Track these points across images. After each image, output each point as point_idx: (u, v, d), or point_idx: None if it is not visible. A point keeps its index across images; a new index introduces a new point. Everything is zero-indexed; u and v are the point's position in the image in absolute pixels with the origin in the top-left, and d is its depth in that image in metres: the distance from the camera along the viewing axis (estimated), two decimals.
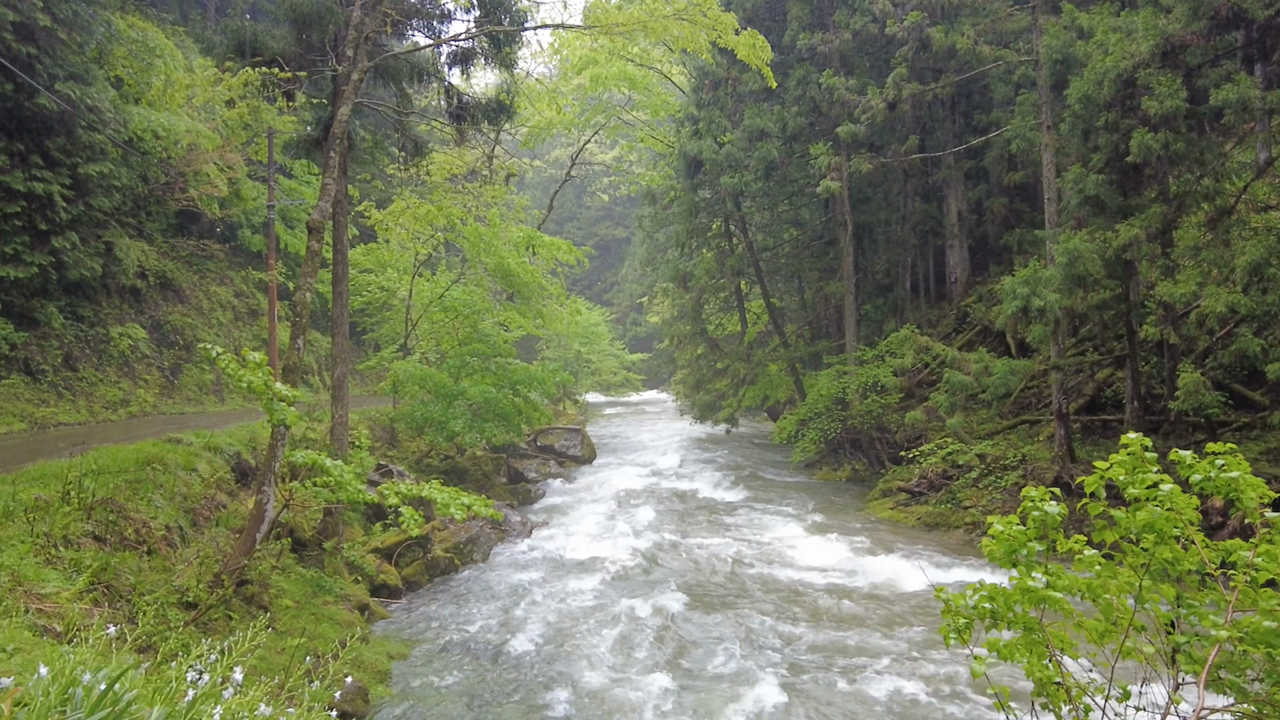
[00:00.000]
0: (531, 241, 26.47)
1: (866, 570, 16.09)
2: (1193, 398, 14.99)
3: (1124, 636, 3.68)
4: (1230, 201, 16.61)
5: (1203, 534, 4.04)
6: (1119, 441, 4.08)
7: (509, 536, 19.03)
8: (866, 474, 26.31)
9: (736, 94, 28.85)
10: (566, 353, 44.73)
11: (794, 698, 10.22)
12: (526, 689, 10.86)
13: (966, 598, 3.89)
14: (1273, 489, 3.92)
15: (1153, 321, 17.16)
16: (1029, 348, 23.01)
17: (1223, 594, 3.76)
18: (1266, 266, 14.22)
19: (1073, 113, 16.97)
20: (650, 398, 63.92)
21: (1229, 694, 3.82)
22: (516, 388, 23.28)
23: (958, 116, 30.70)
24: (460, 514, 9.95)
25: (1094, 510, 3.86)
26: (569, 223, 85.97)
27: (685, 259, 35.40)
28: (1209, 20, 15.05)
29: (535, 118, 32.95)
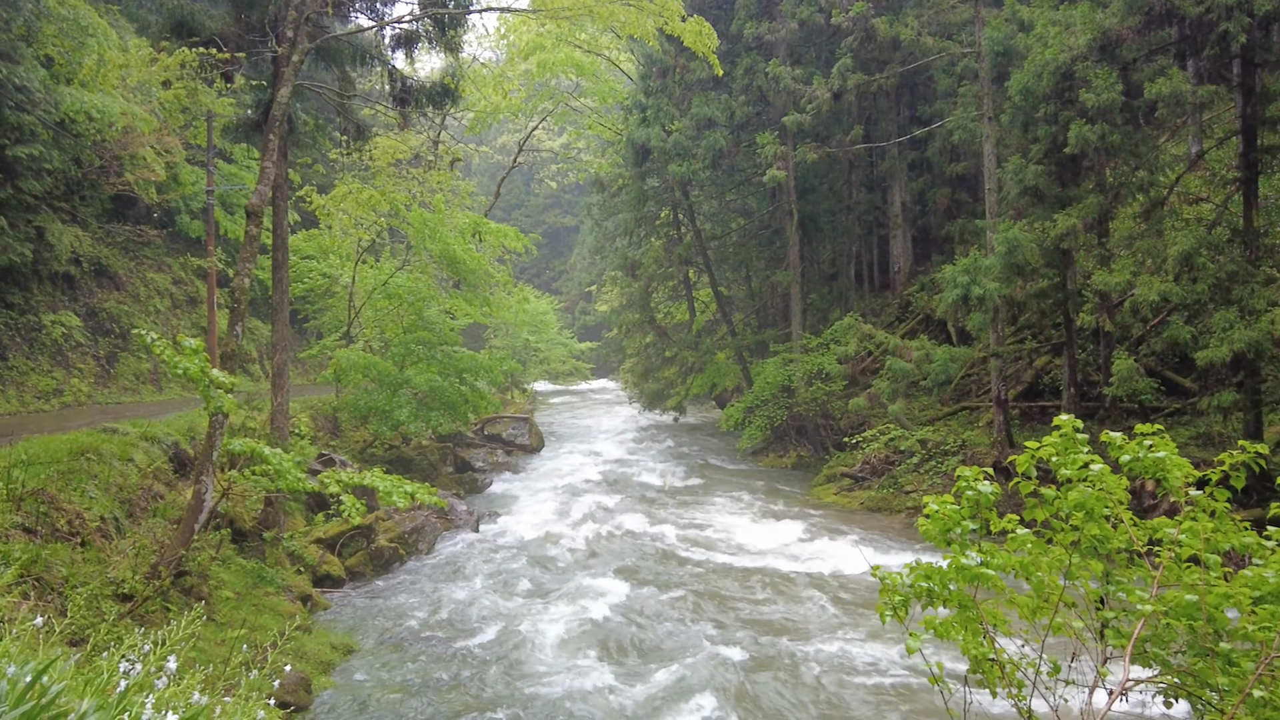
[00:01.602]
0: (478, 228, 26.20)
1: (810, 554, 16.30)
2: (1126, 384, 15.39)
3: (1054, 613, 3.78)
4: (1163, 193, 17.06)
5: (1132, 514, 4.16)
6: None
7: (455, 526, 18.90)
8: (811, 460, 26.61)
9: (684, 82, 28.85)
10: (514, 341, 44.46)
11: (739, 680, 10.33)
12: (473, 678, 10.81)
13: (903, 577, 3.96)
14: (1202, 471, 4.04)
15: (1089, 310, 17.58)
16: (969, 336, 23.44)
17: (1149, 570, 3.88)
18: (1196, 256, 14.65)
19: (1013, 104, 17.27)
20: (599, 386, 63.85)
21: (1154, 666, 3.95)
22: (463, 376, 23.07)
23: (902, 108, 31.08)
24: (403, 502, 9.86)
25: (1025, 489, 3.95)
26: (517, 210, 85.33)
27: (634, 247, 35.39)
28: (1143, 16, 15.41)
29: (481, 103, 32.65)
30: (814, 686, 10.28)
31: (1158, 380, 18.08)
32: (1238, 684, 3.46)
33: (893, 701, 9.86)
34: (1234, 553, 3.92)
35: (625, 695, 10.11)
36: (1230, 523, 3.97)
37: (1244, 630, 3.57)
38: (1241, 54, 14.92)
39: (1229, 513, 4.09)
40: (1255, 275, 14.69)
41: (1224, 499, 3.95)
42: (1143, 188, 16.75)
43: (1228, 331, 13.66)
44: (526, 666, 11.10)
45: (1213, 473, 3.97)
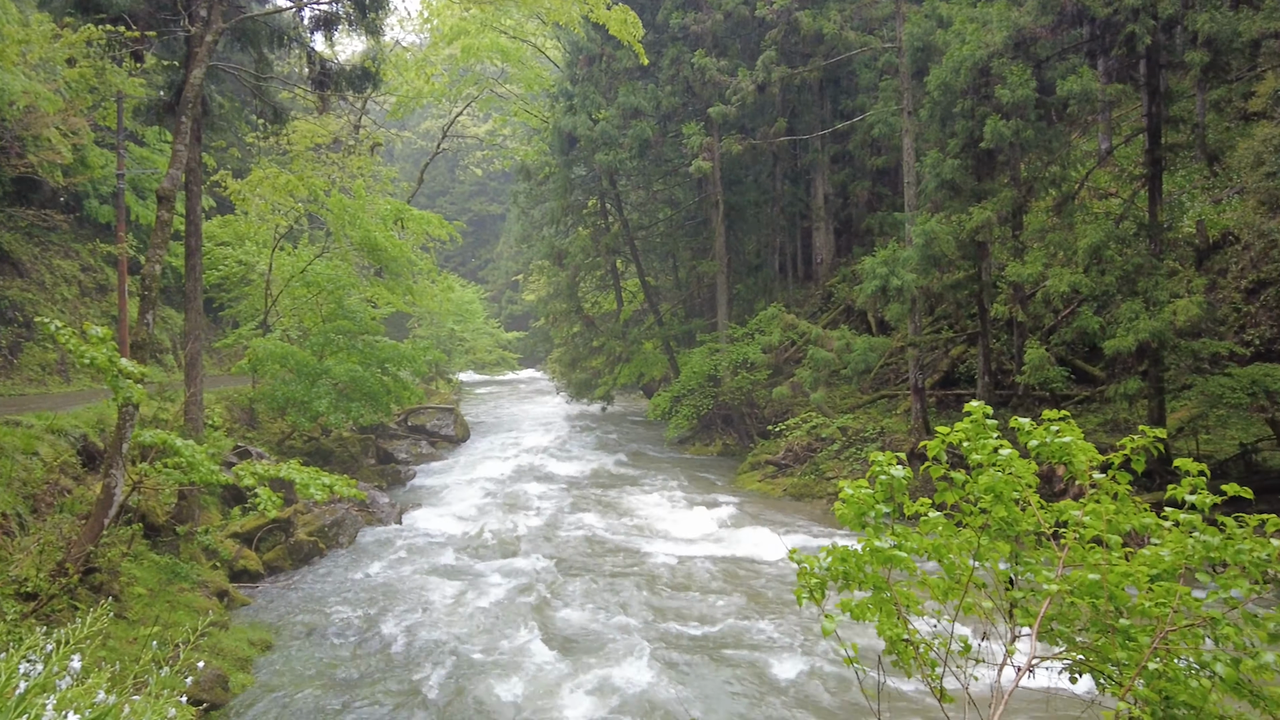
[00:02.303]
0: (400, 215, 25.75)
1: (734, 540, 16.50)
2: (1038, 372, 15.90)
3: (964, 593, 3.89)
4: (1074, 188, 17.65)
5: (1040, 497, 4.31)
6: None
7: (377, 518, 18.61)
8: (737, 448, 26.90)
9: (611, 71, 28.78)
10: (439, 330, 43.90)
11: (664, 665, 10.40)
12: (397, 671, 10.68)
13: (820, 561, 4.03)
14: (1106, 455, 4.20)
15: (1002, 300, 18.10)
16: (888, 326, 23.96)
17: (1055, 551, 4.02)
18: (1105, 249, 15.19)
19: (932, 99, 17.65)
20: (526, 376, 63.48)
21: (1059, 643, 4.09)
22: (385, 366, 22.70)
23: (825, 101, 31.52)
24: (321, 495, 9.66)
25: (936, 473, 4.05)
26: (441, 197, 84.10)
27: (561, 236, 35.24)
28: (1056, 15, 15.89)
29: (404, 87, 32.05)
30: (736, 670, 10.41)
31: (1068, 369, 18.72)
32: (1135, 658, 3.61)
33: (814, 682, 10.05)
34: (1135, 533, 4.08)
35: (548, 683, 10.10)
36: (1132, 505, 4.14)
37: (1142, 607, 3.73)
38: (1147, 55, 15.50)
39: (1131, 495, 4.27)
40: (1159, 268, 15.31)
41: (1126, 482, 4.11)
42: (1055, 182, 17.30)
43: (1133, 322, 14.20)
44: (448, 657, 11.01)
45: (1115, 457, 4.12)
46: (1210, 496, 3.86)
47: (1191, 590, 3.80)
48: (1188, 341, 15.03)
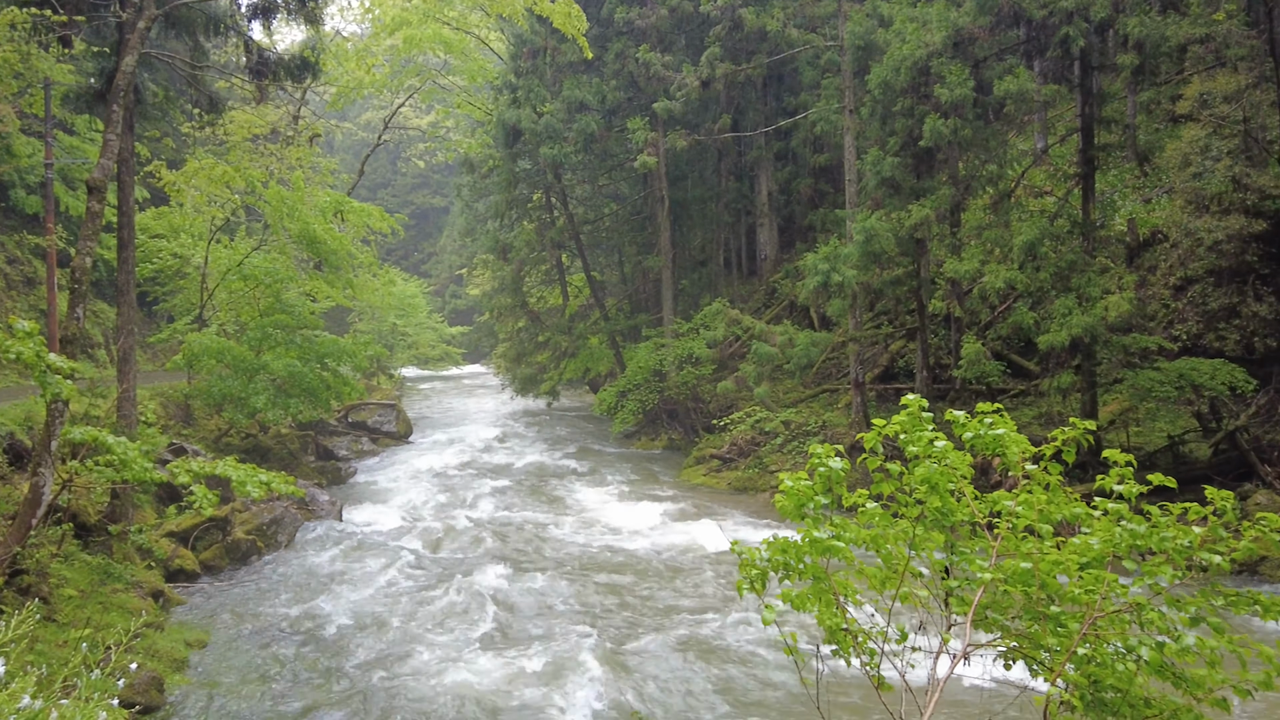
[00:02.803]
0: (340, 207, 25.32)
1: (679, 534, 16.59)
2: (975, 367, 16.24)
3: (900, 583, 3.97)
4: (1010, 186, 18.05)
5: (974, 488, 4.40)
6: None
7: (317, 516, 18.32)
8: (682, 442, 27.02)
9: (556, 64, 28.64)
10: (381, 325, 43.29)
11: (608, 658, 10.42)
12: (338, 669, 10.54)
13: (761, 552, 4.08)
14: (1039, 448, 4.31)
15: (940, 296, 18.44)
16: (830, 321, 24.25)
17: (989, 541, 4.12)
18: (1039, 246, 15.56)
19: (873, 98, 17.89)
20: (471, 371, 62.91)
21: (994, 631, 4.20)
22: (325, 361, 22.32)
23: (769, 98, 31.76)
24: (258, 492, 9.48)
25: (872, 465, 4.12)
26: (383, 189, 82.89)
27: (505, 230, 34.95)
28: (994, 16, 16.22)
29: (344, 78, 31.54)
30: (680, 662, 10.47)
31: (1004, 363, 19.15)
32: (1065, 644, 3.72)
33: (757, 672, 10.15)
34: (1066, 523, 4.20)
35: (490, 679, 10.05)
36: (1063, 495, 4.25)
37: (1072, 594, 3.83)
38: (1081, 57, 15.89)
39: (1063, 486, 4.38)
40: (1092, 265, 15.73)
41: (1057, 473, 4.22)
42: (992, 180, 17.67)
43: (1067, 317, 14.57)
44: (389, 654, 10.89)
45: (1047, 448, 4.23)
46: (1137, 486, 3.98)
47: (1119, 577, 3.92)
48: (1119, 337, 15.47)
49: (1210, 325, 17.82)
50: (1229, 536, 3.87)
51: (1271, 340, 17.01)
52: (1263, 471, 14.64)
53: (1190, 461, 15.72)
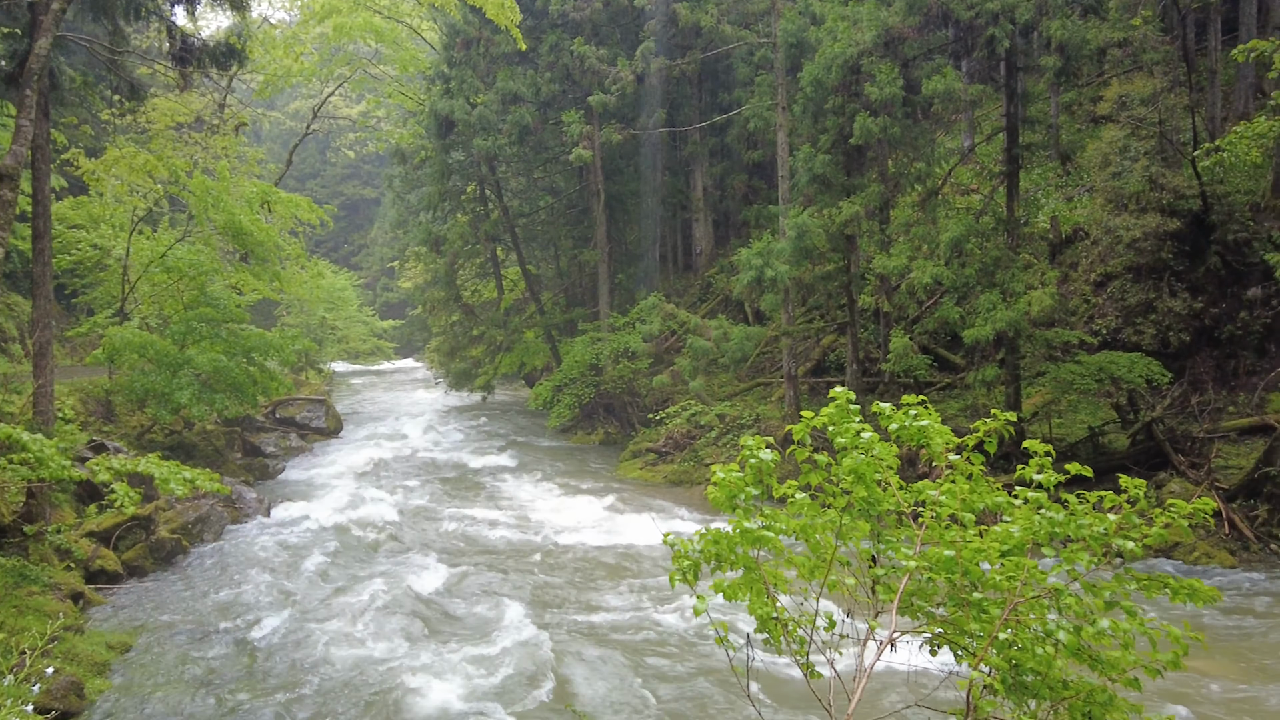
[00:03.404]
0: (267, 198, 24.72)
1: (614, 528, 16.61)
2: (902, 360, 16.56)
3: (828, 571, 4.03)
4: (938, 183, 18.41)
5: (900, 478, 4.49)
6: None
7: (245, 514, 17.91)
8: (619, 437, 27.06)
9: (489, 55, 28.37)
10: (310, 319, 42.42)
11: (542, 654, 10.39)
12: (267, 669, 10.32)
13: (693, 543, 4.11)
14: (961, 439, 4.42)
15: (870, 291, 18.75)
16: (764, 316, 24.52)
17: (914, 530, 4.21)
18: (965, 243, 15.93)
19: (805, 95, 18.09)
20: (403, 366, 62.06)
21: (920, 618, 4.29)
22: (251, 355, 21.79)
23: (704, 94, 31.92)
24: (182, 490, 9.24)
25: (800, 456, 4.19)
26: (312, 180, 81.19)
27: (438, 222, 34.50)
28: (922, 16, 16.51)
29: (272, 66, 30.79)
30: (616, 653, 10.49)
31: (931, 357, 19.57)
32: (988, 629, 3.82)
33: (690, 662, 10.23)
34: (988, 511, 4.31)
35: (423, 677, 9.95)
36: (985, 484, 4.37)
37: (993, 581, 3.94)
38: (1006, 58, 16.28)
39: (986, 476, 4.50)
40: (1015, 261, 16.15)
41: (979, 463, 4.33)
42: (920, 178, 18.01)
43: (991, 312, 14.94)
44: (319, 653, 10.71)
45: (969, 439, 4.34)
46: (1056, 476, 4.11)
47: (1039, 564, 4.04)
48: (1041, 331, 15.93)
49: (1128, 320, 18.45)
50: (1142, 523, 4.02)
51: (1185, 334, 17.69)
52: (1177, 461, 15.22)
53: (1109, 452, 16.27)
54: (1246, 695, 9.13)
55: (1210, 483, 14.33)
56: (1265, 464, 13.91)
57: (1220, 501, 13.97)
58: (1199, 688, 9.28)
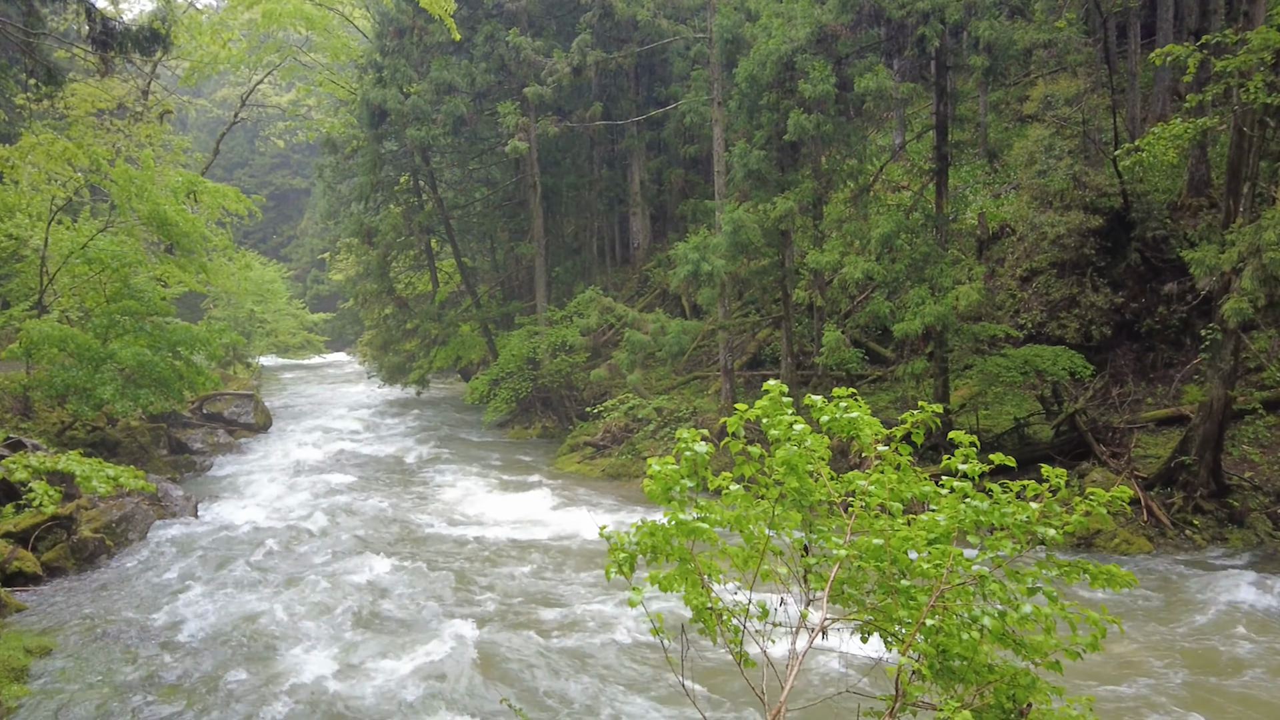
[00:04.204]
0: (193, 188, 24.04)
1: (551, 522, 16.58)
2: (835, 354, 16.82)
3: (761, 561, 4.09)
4: (869, 180, 18.72)
5: (831, 469, 4.58)
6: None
7: (171, 513, 17.45)
8: (556, 430, 26.99)
9: (423, 44, 27.98)
10: (238, 312, 41.43)
11: (480, 651, 10.33)
12: (194, 670, 10.08)
13: (630, 536, 4.13)
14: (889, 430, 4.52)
15: (804, 286, 19.00)
16: (701, 309, 24.67)
17: (845, 519, 4.29)
18: (895, 238, 16.23)
19: (740, 91, 18.23)
20: (335, 360, 60.98)
21: (850, 605, 4.38)
22: (177, 350, 21.20)
23: (641, 88, 31.95)
24: (105, 488, 8.98)
25: (734, 448, 4.24)
26: (240, 169, 79.21)
27: (370, 213, 33.93)
28: (855, 14, 16.75)
29: (198, 52, 29.94)
30: (553, 647, 10.49)
31: (863, 350, 19.91)
32: (915, 615, 3.91)
33: (627, 654, 10.28)
34: (916, 501, 4.42)
35: (356, 675, 9.82)
36: (913, 474, 4.48)
37: (920, 568, 4.04)
38: (936, 57, 16.61)
39: (914, 466, 4.61)
40: (944, 257, 16.51)
41: (907, 453, 4.43)
42: (852, 175, 18.29)
43: (920, 306, 15.26)
44: (250, 654, 10.50)
45: (897, 430, 4.44)
46: (980, 466, 4.22)
47: (964, 551, 4.15)
48: (969, 325, 16.32)
49: (1053, 314, 19.01)
50: (1063, 511, 4.16)
51: (1107, 328, 18.29)
52: (1098, 451, 15.73)
53: (1035, 442, 16.75)
54: (1159, 673, 9.51)
55: (1130, 472, 14.84)
56: (1181, 453, 14.46)
57: (1139, 490, 14.49)
58: (1117, 668, 9.63)
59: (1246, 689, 9.10)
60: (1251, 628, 10.62)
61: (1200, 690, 9.11)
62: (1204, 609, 11.30)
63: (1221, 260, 12.62)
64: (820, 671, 9.22)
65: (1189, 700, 8.89)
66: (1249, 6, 13.64)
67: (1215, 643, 10.33)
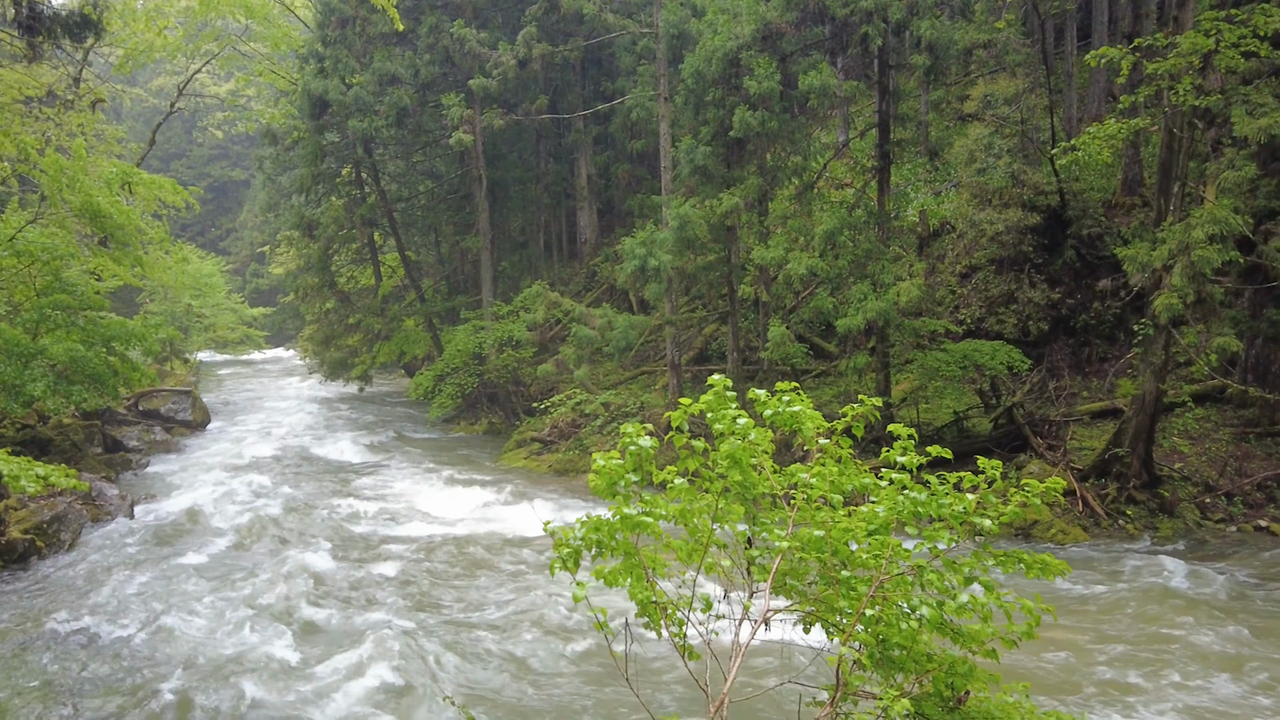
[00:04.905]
0: (128, 179, 23.39)
1: (497, 518, 16.50)
2: (780, 349, 16.98)
3: (705, 554, 4.12)
4: (814, 177, 18.91)
5: (774, 462, 4.62)
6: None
7: (106, 513, 17.00)
8: (503, 426, 26.83)
9: (366, 35, 27.57)
10: (175, 306, 40.42)
11: (423, 649, 10.25)
12: (129, 676, 9.84)
13: (575, 531, 4.13)
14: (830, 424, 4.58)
15: (749, 282, 19.14)
16: (648, 304, 24.71)
17: (787, 511, 4.34)
18: (839, 235, 16.42)
19: (686, 87, 18.28)
20: (275, 355, 59.88)
21: (793, 596, 4.43)
22: (111, 345, 20.62)
23: (587, 82, 31.86)
24: (34, 487, 8.71)
25: (679, 442, 4.26)
26: (177, 160, 77.26)
27: (312, 206, 33.31)
28: (799, 11, 16.89)
29: (132, 39, 29.14)
30: (499, 644, 10.45)
31: (807, 345, 20.14)
32: (855, 606, 3.97)
33: (572, 647, 10.27)
34: (856, 493, 4.48)
35: (296, 678, 9.68)
36: (854, 467, 4.54)
37: (860, 559, 4.11)
38: (879, 55, 16.82)
39: (855, 458, 4.68)
40: (886, 253, 16.75)
41: (848, 446, 4.49)
42: (797, 171, 18.46)
43: (863, 302, 15.47)
44: (187, 657, 10.28)
45: (838, 424, 4.50)
46: (919, 458, 4.30)
47: (903, 542, 4.23)
48: (910, 320, 16.58)
49: (991, 310, 19.40)
50: (998, 502, 4.26)
51: (1044, 324, 18.72)
52: (1035, 443, 16.11)
53: (973, 435, 17.09)
54: (1093, 658, 9.78)
55: (1065, 463, 15.23)
56: (1114, 445, 14.87)
57: (1074, 481, 14.88)
58: (1051, 655, 9.88)
59: (1176, 671, 9.40)
60: (1179, 612, 10.97)
61: (1132, 673, 9.38)
62: (1135, 595, 11.65)
63: (1153, 257, 12.99)
64: (765, 663, 9.32)
65: (1122, 684, 9.16)
66: (1179, 12, 14.04)
67: (1146, 627, 10.66)
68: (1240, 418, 16.10)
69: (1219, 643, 10.07)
